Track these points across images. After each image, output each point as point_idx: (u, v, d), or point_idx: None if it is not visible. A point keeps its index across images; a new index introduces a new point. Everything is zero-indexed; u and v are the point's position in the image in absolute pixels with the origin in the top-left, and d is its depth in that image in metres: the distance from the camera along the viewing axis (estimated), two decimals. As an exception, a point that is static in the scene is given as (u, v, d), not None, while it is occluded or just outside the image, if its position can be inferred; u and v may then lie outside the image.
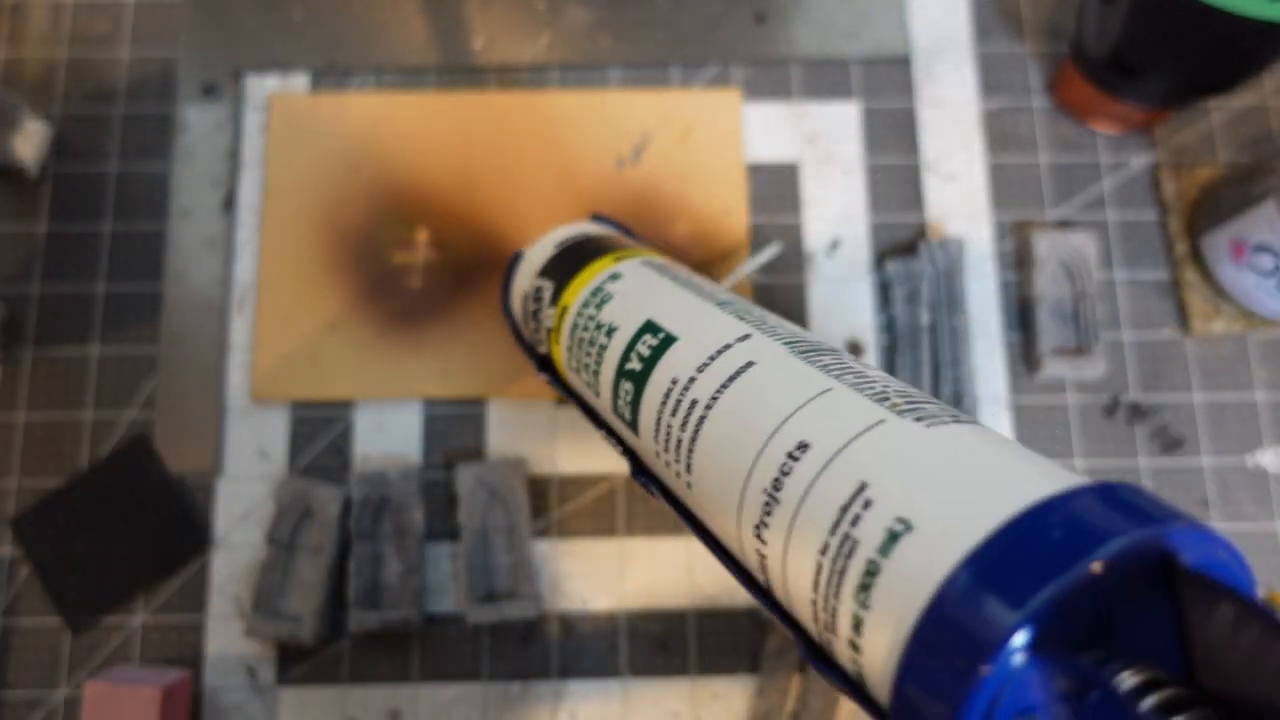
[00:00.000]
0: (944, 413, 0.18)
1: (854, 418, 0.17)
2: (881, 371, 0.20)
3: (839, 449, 0.17)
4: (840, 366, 0.19)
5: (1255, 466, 0.43)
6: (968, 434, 0.17)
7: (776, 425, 0.18)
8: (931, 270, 0.44)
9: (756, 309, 0.23)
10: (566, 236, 0.32)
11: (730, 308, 0.23)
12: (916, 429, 0.17)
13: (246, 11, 0.48)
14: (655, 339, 0.23)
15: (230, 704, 0.40)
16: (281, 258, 0.44)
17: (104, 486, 0.42)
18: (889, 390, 0.18)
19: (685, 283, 0.25)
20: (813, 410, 0.18)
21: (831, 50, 0.48)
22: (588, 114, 0.46)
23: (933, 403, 0.18)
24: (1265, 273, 0.41)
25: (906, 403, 0.18)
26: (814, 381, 0.19)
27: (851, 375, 0.19)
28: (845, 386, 0.18)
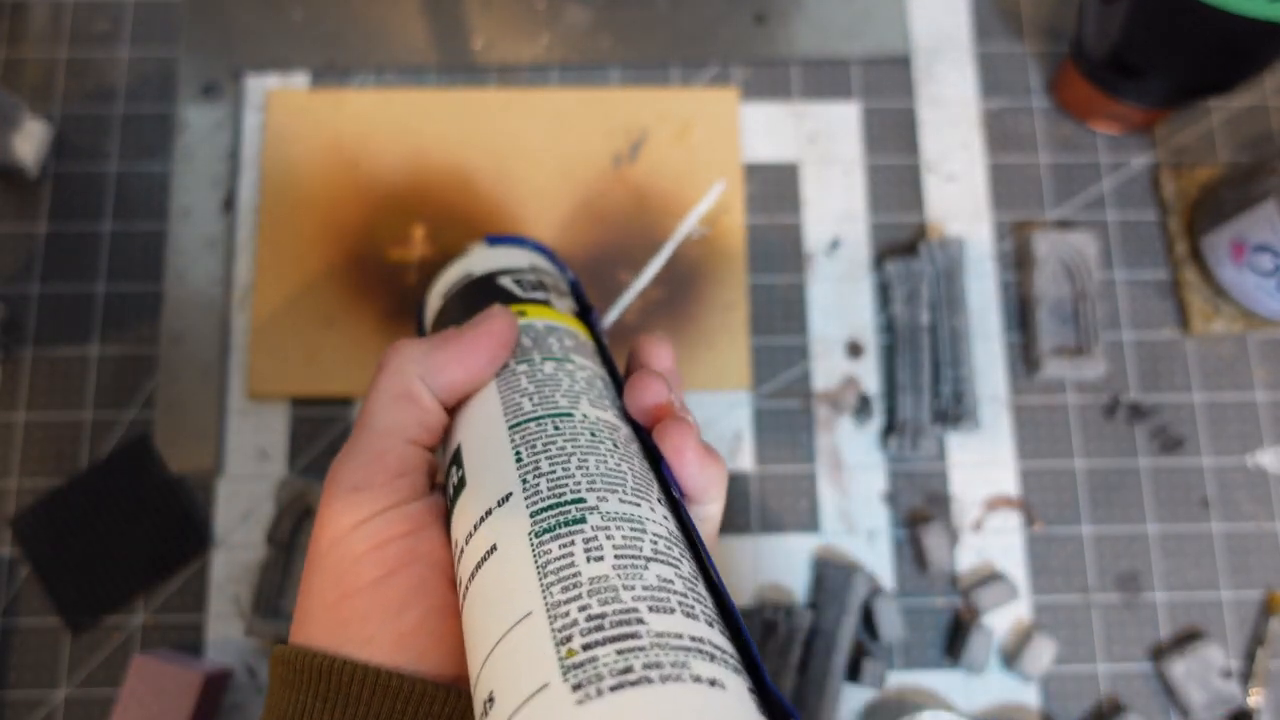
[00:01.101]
0: (623, 659, 0.15)
1: (528, 672, 0.16)
2: (604, 560, 0.18)
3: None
4: (561, 556, 0.18)
5: (1255, 466, 0.43)
6: (633, 712, 0.14)
7: (485, 655, 0.17)
8: (931, 270, 0.44)
9: (556, 410, 0.22)
10: (452, 284, 0.29)
11: (522, 434, 0.21)
12: (567, 707, 0.15)
13: (246, 11, 0.48)
14: (456, 476, 0.22)
15: (230, 703, 0.40)
16: (278, 254, 0.44)
17: (104, 486, 0.42)
18: (578, 620, 0.16)
19: (510, 376, 0.23)
20: (506, 648, 0.17)
21: (831, 50, 0.48)
22: (585, 112, 0.46)
23: (627, 635, 0.16)
24: (1265, 273, 0.41)
25: (585, 644, 0.16)
26: (523, 598, 0.17)
27: (560, 584, 0.17)
28: (543, 611, 0.17)
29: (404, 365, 0.22)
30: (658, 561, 0.18)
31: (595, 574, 0.17)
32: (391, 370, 0.23)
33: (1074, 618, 0.42)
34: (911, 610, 0.42)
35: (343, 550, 0.20)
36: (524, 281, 0.29)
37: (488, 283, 0.28)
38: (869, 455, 0.43)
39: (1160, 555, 0.42)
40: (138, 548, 0.41)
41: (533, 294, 0.28)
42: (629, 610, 0.16)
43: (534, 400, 0.22)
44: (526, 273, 0.29)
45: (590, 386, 0.24)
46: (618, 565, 0.17)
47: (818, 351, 0.44)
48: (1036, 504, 0.43)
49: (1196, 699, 0.40)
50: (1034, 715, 0.40)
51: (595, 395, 0.24)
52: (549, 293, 0.29)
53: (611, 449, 0.21)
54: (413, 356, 0.23)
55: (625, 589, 0.17)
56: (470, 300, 0.28)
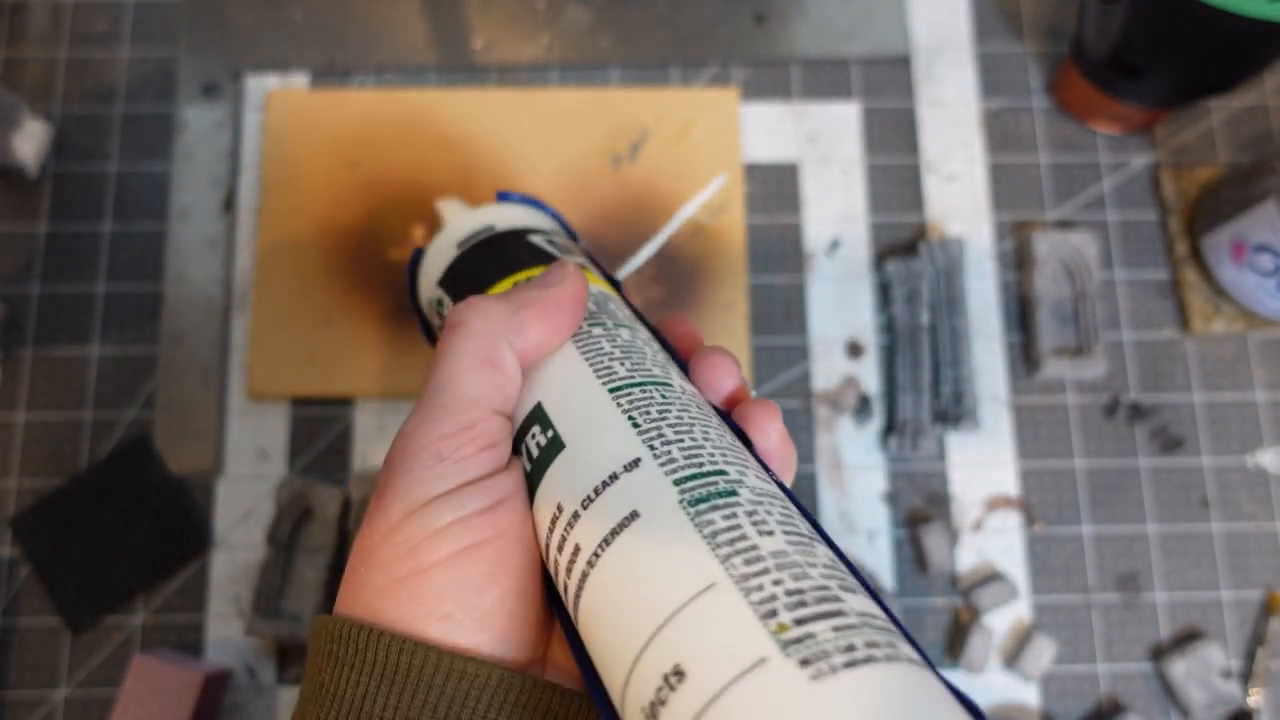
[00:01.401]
0: (843, 637, 0.15)
1: (732, 646, 0.15)
2: (775, 534, 0.17)
3: (714, 695, 0.14)
4: (729, 528, 0.17)
5: (1255, 466, 0.43)
6: (867, 694, 0.14)
7: (656, 627, 0.16)
8: (931, 270, 0.44)
9: (654, 379, 0.21)
10: (471, 233, 0.27)
11: (629, 399, 0.20)
12: (800, 684, 0.14)
13: (246, 11, 0.48)
14: (545, 437, 0.20)
15: (230, 703, 0.40)
16: (278, 254, 0.44)
17: (104, 487, 0.42)
18: (776, 594, 0.15)
19: (586, 337, 0.22)
20: (691, 618, 0.16)
21: (831, 50, 0.48)
22: (585, 112, 0.46)
23: (835, 612, 0.15)
24: (1265, 273, 0.41)
25: (795, 619, 0.15)
26: (698, 569, 0.16)
27: (740, 556, 0.16)
28: (730, 584, 0.16)
29: (486, 325, 0.21)
30: (818, 540, 0.17)
31: (774, 548, 0.16)
32: (473, 331, 0.21)
33: (1074, 618, 0.42)
34: (911, 610, 0.42)
35: (421, 523, 0.18)
36: (556, 243, 0.27)
37: (518, 239, 0.26)
38: (869, 455, 0.43)
39: (1160, 555, 0.42)
40: (138, 548, 0.41)
41: (569, 257, 0.26)
42: (823, 587, 0.15)
43: (626, 366, 0.21)
44: (555, 235, 0.28)
45: (669, 360, 0.23)
46: (790, 540, 0.16)
47: (818, 351, 0.44)
48: (1036, 504, 0.43)
49: (1196, 699, 0.40)
50: (1034, 715, 0.40)
51: (676, 369, 0.23)
52: (581, 258, 0.27)
53: (717, 422, 0.20)
54: (496, 316, 0.21)
55: (809, 565, 0.16)
56: (500, 255, 0.26)
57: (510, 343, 0.21)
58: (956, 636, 0.41)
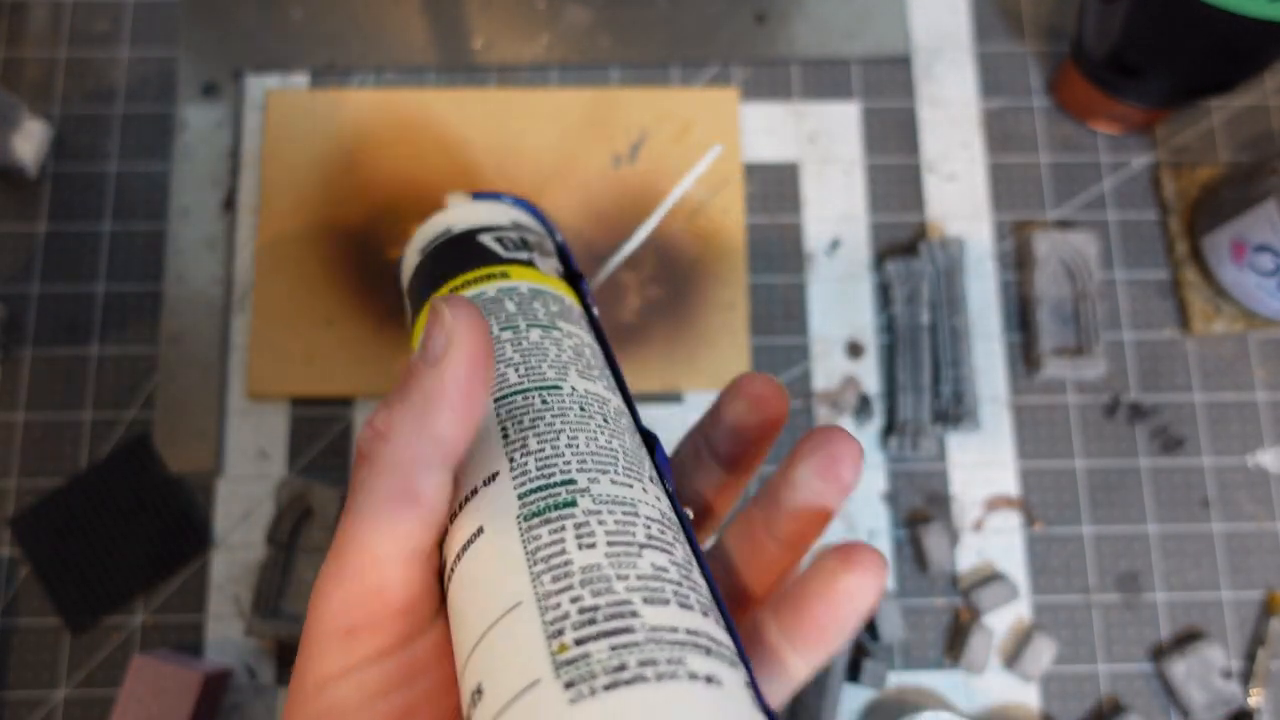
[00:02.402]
0: (616, 656, 0.15)
1: (518, 667, 0.15)
2: (596, 547, 0.17)
3: (495, 716, 0.15)
4: (552, 543, 0.17)
5: (1256, 466, 0.43)
6: (624, 712, 0.14)
7: (472, 645, 0.16)
8: (931, 270, 0.44)
9: (543, 383, 0.21)
10: (430, 239, 0.27)
11: (507, 408, 0.20)
12: (560, 706, 0.14)
13: (246, 11, 0.48)
14: None
15: (230, 703, 0.40)
16: (278, 254, 0.44)
17: (104, 486, 0.42)
18: (569, 612, 0.16)
19: (494, 347, 0.22)
20: (496, 637, 0.16)
21: (831, 50, 0.48)
22: (585, 112, 0.46)
23: (621, 630, 0.15)
24: (1266, 273, 0.41)
25: (577, 639, 0.15)
26: (510, 587, 0.16)
27: (551, 572, 0.16)
28: (533, 602, 0.16)
29: (397, 456, 0.17)
30: (651, 548, 0.17)
31: (587, 563, 0.16)
32: (383, 468, 0.17)
33: (1074, 618, 0.42)
34: (911, 610, 0.42)
35: (330, 700, 0.17)
36: (506, 240, 0.27)
37: (467, 240, 0.26)
38: (869, 455, 0.43)
39: (1161, 555, 0.42)
40: (138, 548, 0.41)
41: (516, 254, 0.26)
42: (622, 602, 0.16)
43: (519, 371, 0.21)
44: (509, 230, 0.27)
45: (578, 356, 0.22)
46: (610, 553, 0.17)
47: (818, 351, 0.44)
48: (1036, 504, 0.43)
49: (1197, 699, 0.40)
50: (1034, 715, 0.40)
51: (584, 365, 0.22)
52: (533, 252, 0.27)
53: (602, 424, 0.20)
54: (404, 442, 0.17)
55: (619, 579, 0.16)
56: (448, 259, 0.26)
57: (429, 462, 0.17)
58: (957, 637, 0.41)
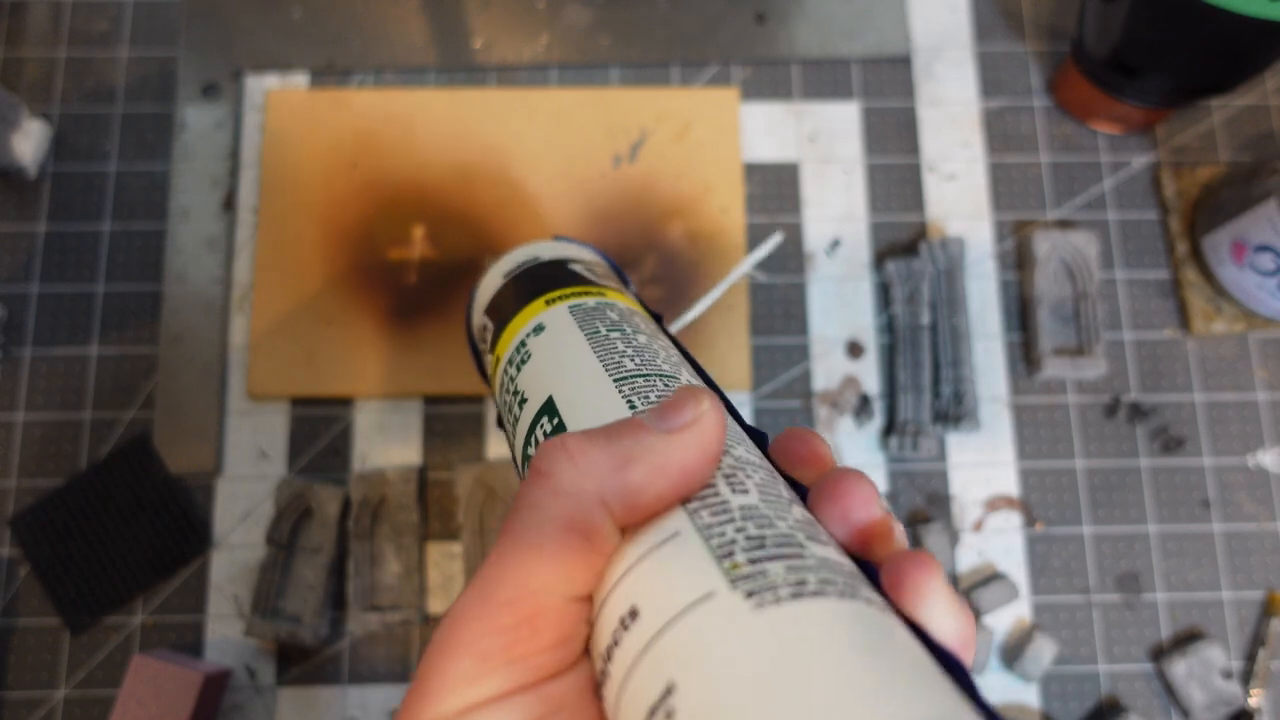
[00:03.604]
0: (795, 574, 0.15)
1: (685, 583, 0.15)
2: (750, 493, 0.17)
3: (660, 629, 0.14)
4: (706, 492, 0.17)
5: (1256, 466, 0.43)
6: (809, 621, 0.14)
7: (619, 575, 0.16)
8: (932, 270, 0.44)
9: (663, 373, 0.21)
10: (516, 265, 0.29)
11: (630, 386, 0.21)
12: (742, 613, 0.14)
13: (246, 11, 0.48)
14: (550, 425, 0.21)
15: (230, 704, 0.40)
16: (278, 254, 0.44)
17: (104, 487, 0.42)
18: (736, 539, 0.15)
19: (604, 340, 0.23)
20: (653, 564, 0.15)
21: (831, 50, 0.48)
22: (585, 112, 0.46)
23: (794, 555, 0.15)
24: (1266, 272, 0.41)
25: (750, 559, 0.15)
26: (665, 523, 0.16)
27: (708, 509, 0.16)
28: (694, 532, 0.16)
29: (580, 482, 0.16)
30: (798, 504, 0.17)
31: (745, 503, 0.16)
32: (561, 488, 0.16)
33: (1074, 618, 0.42)
34: (912, 610, 0.42)
35: None
36: (595, 269, 0.28)
37: (558, 266, 0.27)
38: (869, 455, 0.43)
39: (1161, 555, 0.42)
40: (137, 548, 0.41)
41: (606, 281, 0.27)
42: (788, 535, 0.16)
43: (636, 361, 0.22)
44: (596, 264, 0.29)
45: (684, 362, 0.23)
46: (764, 499, 0.16)
47: (818, 351, 0.44)
48: (1037, 504, 0.43)
49: (1197, 699, 0.40)
50: (1035, 715, 0.40)
51: (690, 371, 0.23)
52: (618, 285, 0.28)
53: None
54: (594, 470, 0.16)
55: (778, 518, 0.16)
56: (541, 279, 0.27)
57: (611, 509, 0.16)
58: (957, 637, 0.41)
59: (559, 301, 0.25)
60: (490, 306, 0.28)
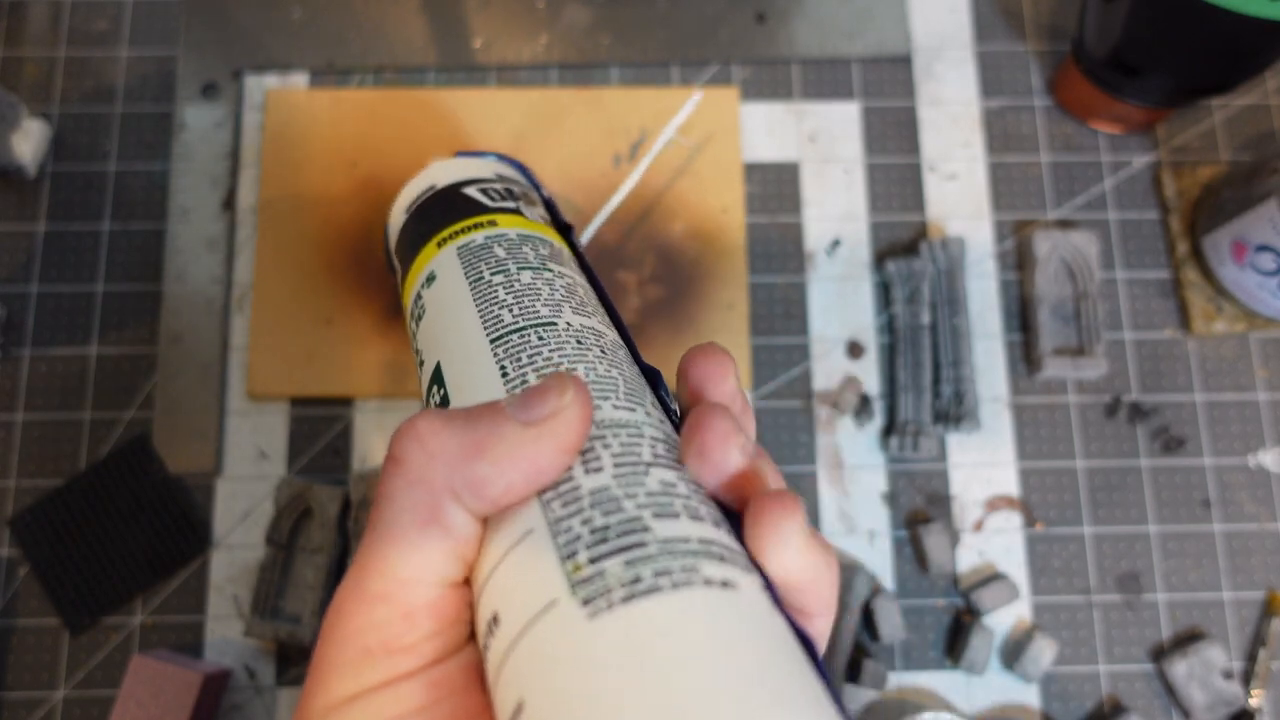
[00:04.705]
0: (631, 569, 0.14)
1: (533, 590, 0.15)
2: (603, 470, 0.17)
3: (514, 639, 0.15)
4: (560, 476, 0.17)
5: (1257, 466, 0.43)
6: (642, 626, 0.14)
7: (487, 573, 0.16)
8: (932, 270, 0.44)
9: (539, 321, 0.21)
10: (415, 197, 0.27)
11: (505, 346, 0.20)
12: (578, 622, 0.14)
13: (245, 11, 0.48)
14: (439, 396, 0.21)
15: (230, 704, 0.40)
16: (278, 254, 0.44)
17: (104, 486, 0.42)
18: (581, 534, 0.15)
19: (486, 288, 0.22)
20: (509, 567, 0.16)
21: (831, 50, 0.48)
22: (585, 111, 0.46)
23: (633, 545, 0.15)
24: (1267, 272, 0.41)
25: (591, 558, 0.15)
26: (521, 517, 0.16)
27: (560, 499, 0.16)
28: (545, 528, 0.16)
29: (428, 472, 0.15)
30: (659, 465, 0.17)
31: (595, 485, 0.16)
32: (412, 478, 0.16)
33: (1075, 618, 0.41)
34: (912, 610, 0.42)
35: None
36: (491, 191, 0.27)
37: (453, 194, 0.26)
38: (869, 455, 0.43)
39: (1161, 555, 0.42)
40: (137, 548, 0.41)
41: (502, 203, 0.26)
42: (633, 519, 0.16)
43: (514, 312, 0.21)
44: (494, 182, 0.27)
45: (571, 294, 0.23)
46: (618, 474, 0.17)
47: (818, 351, 0.44)
48: (1037, 504, 0.43)
49: (1198, 699, 0.40)
50: (1035, 716, 0.40)
51: (577, 302, 0.22)
52: (519, 201, 0.27)
53: (600, 355, 0.20)
54: (443, 459, 0.16)
55: (627, 498, 0.16)
56: (434, 214, 0.26)
57: (462, 499, 0.16)
58: (957, 637, 0.41)
59: (449, 242, 0.24)
60: (397, 247, 0.27)
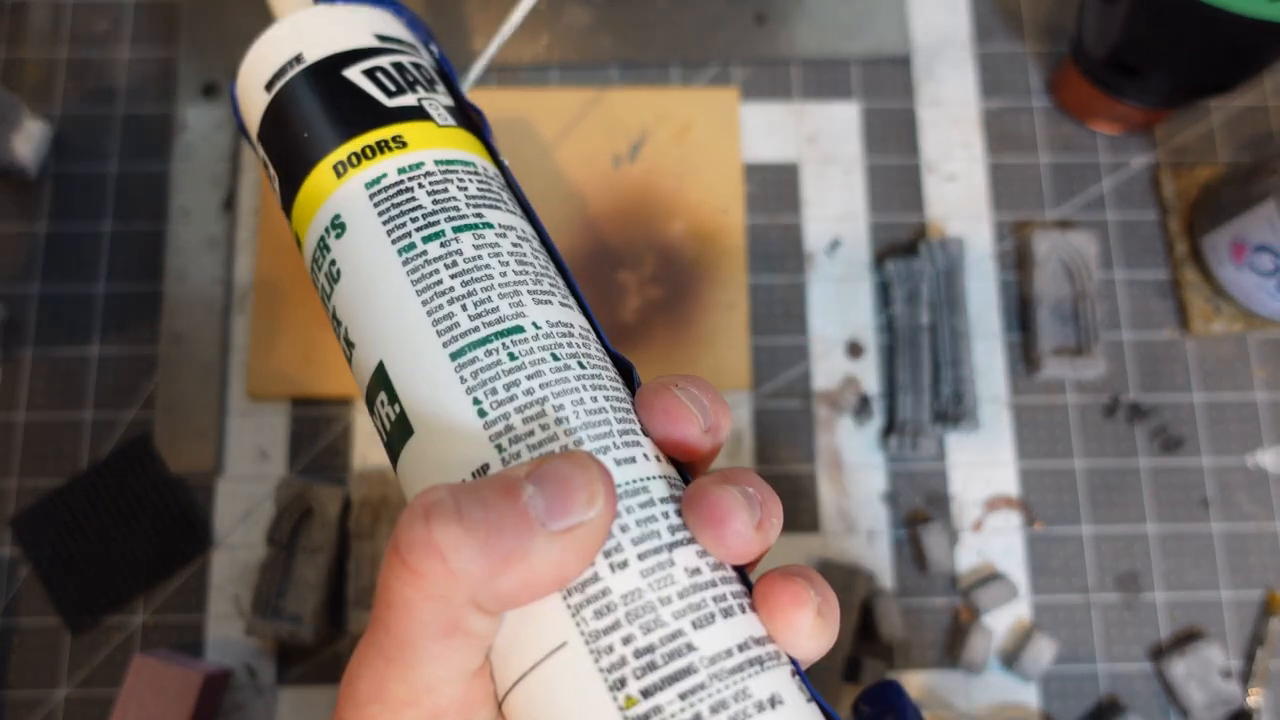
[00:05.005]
0: (689, 706, 0.14)
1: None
2: (629, 566, 0.15)
3: None
4: (585, 575, 0.15)
5: (1255, 466, 0.43)
6: None
7: (514, 678, 0.15)
8: (931, 270, 0.44)
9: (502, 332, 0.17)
10: (274, 69, 0.21)
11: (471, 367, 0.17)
12: None
13: (246, 11, 0.48)
14: (392, 410, 0.18)
15: (230, 703, 0.40)
16: (278, 254, 0.44)
17: (104, 486, 0.42)
18: (626, 657, 0.15)
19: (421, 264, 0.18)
20: (548, 684, 0.15)
21: (831, 50, 0.48)
22: (585, 111, 0.46)
23: (685, 671, 0.14)
24: (1265, 273, 0.41)
25: (643, 690, 0.14)
26: (551, 623, 0.15)
27: (592, 606, 0.15)
28: (580, 643, 0.15)
29: (449, 589, 0.15)
30: (679, 545, 0.16)
31: (626, 589, 0.15)
32: (432, 593, 0.15)
33: (1074, 618, 0.42)
34: (911, 610, 0.42)
35: None
36: (382, 74, 0.20)
37: (331, 79, 0.20)
38: (869, 455, 0.43)
39: (1160, 555, 0.42)
40: (138, 548, 0.41)
41: (401, 98, 0.20)
42: (674, 635, 0.15)
43: (469, 310, 0.17)
44: (381, 54, 0.20)
45: (523, 265, 0.18)
46: (645, 568, 0.15)
47: (818, 351, 0.44)
48: (1036, 504, 0.43)
49: (1196, 699, 0.40)
50: (1034, 715, 0.40)
51: (533, 277, 0.18)
52: (420, 90, 0.20)
53: (580, 372, 0.17)
54: (465, 578, 0.15)
55: (662, 603, 0.15)
56: (311, 114, 0.20)
57: (484, 607, 0.15)
58: (956, 636, 0.41)
59: (350, 172, 0.19)
60: (263, 135, 0.21)
